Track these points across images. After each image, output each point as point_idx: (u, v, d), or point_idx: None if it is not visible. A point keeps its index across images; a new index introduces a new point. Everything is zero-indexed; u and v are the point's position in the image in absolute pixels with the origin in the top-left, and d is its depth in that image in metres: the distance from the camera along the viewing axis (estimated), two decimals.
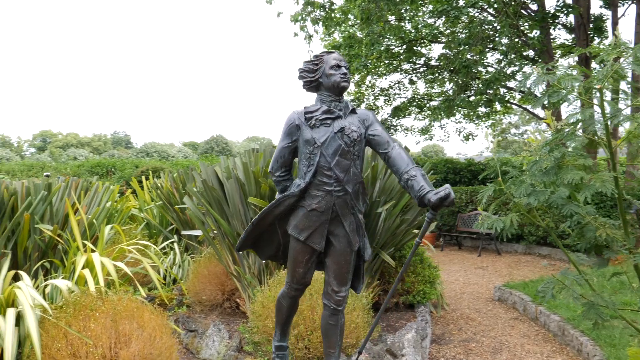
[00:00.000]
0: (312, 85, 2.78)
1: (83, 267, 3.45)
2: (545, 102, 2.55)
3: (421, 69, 14.95)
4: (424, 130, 15.94)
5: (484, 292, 6.90)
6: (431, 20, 12.09)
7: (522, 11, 10.98)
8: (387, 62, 14.15)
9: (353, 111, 2.76)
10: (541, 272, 8.09)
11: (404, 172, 2.52)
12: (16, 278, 3.33)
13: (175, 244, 6.51)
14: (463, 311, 5.85)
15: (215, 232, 5.04)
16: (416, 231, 4.95)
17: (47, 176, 10.12)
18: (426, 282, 5.16)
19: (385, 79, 15.41)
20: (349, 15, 12.18)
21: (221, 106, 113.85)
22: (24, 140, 55.00)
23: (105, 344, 2.81)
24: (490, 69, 12.43)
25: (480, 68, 11.91)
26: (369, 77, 15.32)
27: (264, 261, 4.52)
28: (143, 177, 8.51)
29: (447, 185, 2.35)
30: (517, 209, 2.35)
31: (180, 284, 5.98)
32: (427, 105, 15.16)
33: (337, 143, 2.62)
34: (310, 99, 3.02)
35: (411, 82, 15.53)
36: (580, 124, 2.39)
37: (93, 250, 3.77)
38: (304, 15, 10.85)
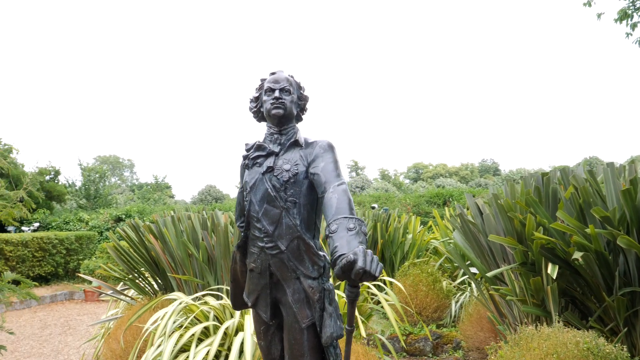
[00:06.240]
0: (259, 116, 2.26)
1: None
2: None
3: None
4: None
5: None
6: None
7: None
8: None
9: (296, 144, 2.09)
10: None
11: (326, 225, 1.73)
12: None
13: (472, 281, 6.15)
14: None
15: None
16: None
17: (372, 208, 11.33)
18: None
19: None
20: None
21: (598, 123, 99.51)
22: (399, 172, 61.64)
23: None
24: None
25: None
26: None
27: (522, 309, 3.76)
28: (445, 208, 8.48)
29: (359, 249, 1.46)
30: None
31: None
32: None
33: (263, 187, 2.03)
34: None
35: None
36: None
37: None
38: (629, 12, 8.26)
